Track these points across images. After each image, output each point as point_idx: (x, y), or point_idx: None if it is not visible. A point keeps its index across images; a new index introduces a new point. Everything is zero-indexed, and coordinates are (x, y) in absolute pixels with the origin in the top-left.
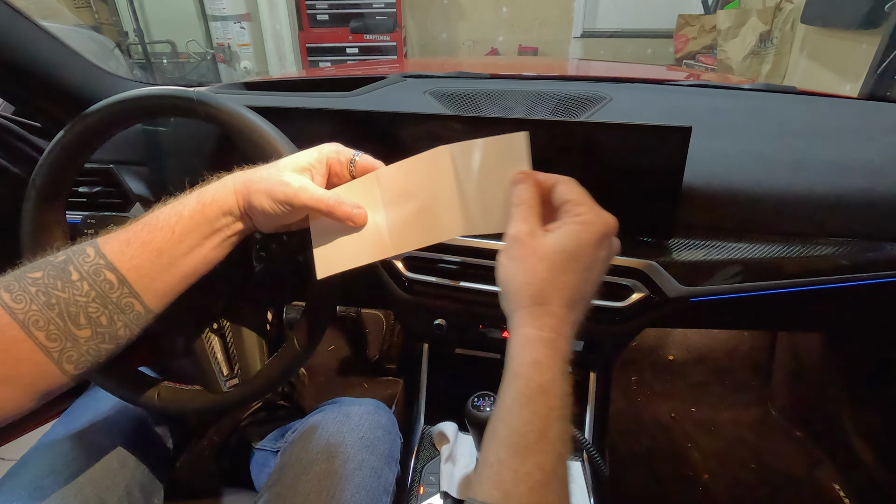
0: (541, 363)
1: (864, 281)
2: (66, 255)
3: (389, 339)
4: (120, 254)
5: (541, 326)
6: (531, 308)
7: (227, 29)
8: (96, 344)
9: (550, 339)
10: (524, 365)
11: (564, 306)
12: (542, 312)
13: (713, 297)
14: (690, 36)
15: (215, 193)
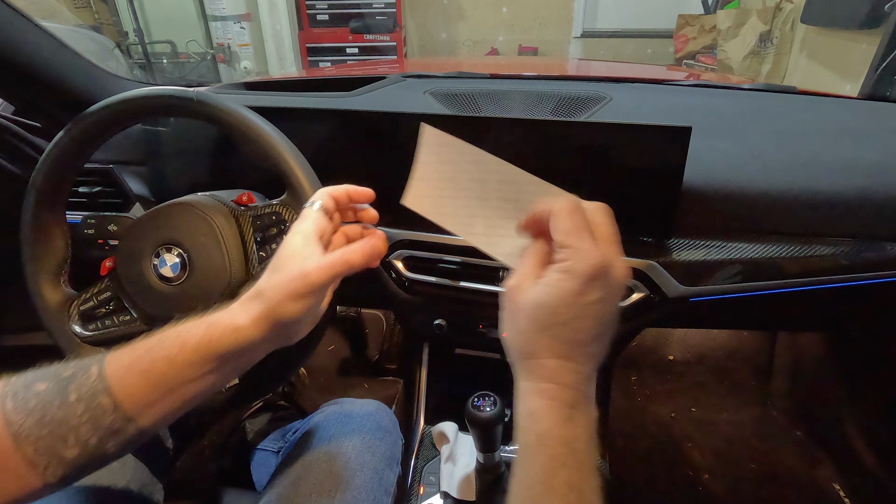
0: (536, 413)
1: (864, 281)
2: (73, 369)
3: (389, 339)
4: (120, 379)
5: (532, 378)
6: (522, 362)
7: (227, 29)
8: (84, 461)
9: (545, 389)
10: (522, 416)
11: (556, 357)
12: (532, 366)
13: (713, 297)
14: (690, 36)
15: (225, 328)
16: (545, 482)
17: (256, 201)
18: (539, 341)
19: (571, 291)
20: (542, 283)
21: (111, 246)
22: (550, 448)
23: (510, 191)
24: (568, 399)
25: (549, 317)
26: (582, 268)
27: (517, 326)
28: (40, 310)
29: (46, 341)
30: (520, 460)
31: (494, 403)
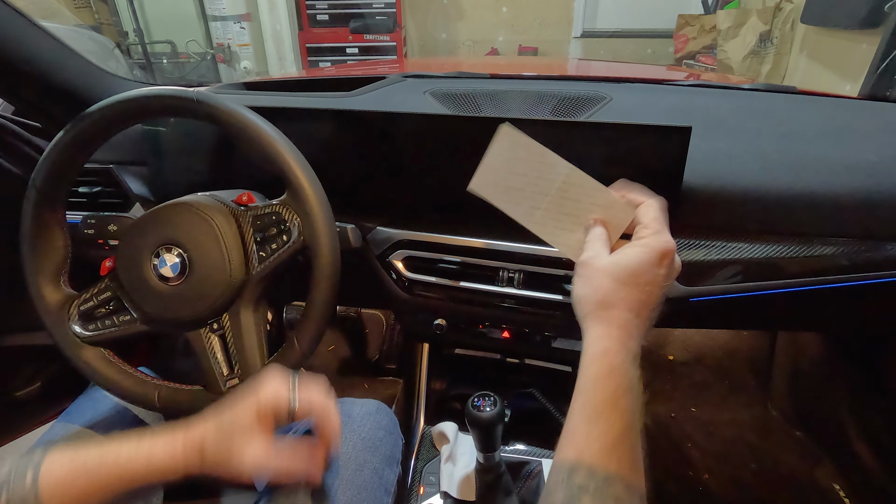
0: (610, 350)
1: (864, 281)
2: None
3: (389, 339)
4: (53, 491)
5: (609, 324)
6: (599, 312)
7: (227, 29)
8: None
9: (617, 334)
10: (596, 354)
11: (628, 311)
12: (608, 315)
13: (713, 297)
14: (690, 36)
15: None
16: (611, 402)
17: (256, 201)
18: (618, 295)
19: (649, 261)
20: (624, 251)
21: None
22: (620, 378)
23: (575, 192)
24: (633, 347)
25: (630, 276)
26: (660, 245)
27: (595, 284)
28: (40, 310)
29: (46, 341)
30: (587, 388)
31: (494, 403)
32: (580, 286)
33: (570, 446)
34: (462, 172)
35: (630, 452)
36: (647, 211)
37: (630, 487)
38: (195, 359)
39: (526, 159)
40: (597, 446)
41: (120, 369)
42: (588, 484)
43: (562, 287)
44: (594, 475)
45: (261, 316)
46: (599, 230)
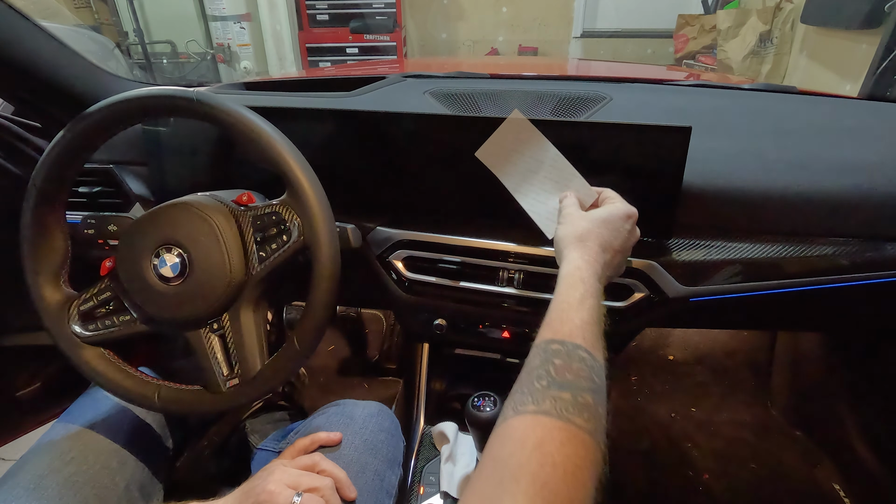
0: (581, 267)
1: (864, 281)
2: None
3: (389, 339)
4: None
5: (582, 251)
6: (576, 243)
7: (227, 29)
8: None
9: (588, 258)
10: (570, 269)
11: (598, 245)
12: (582, 245)
13: (713, 297)
14: (690, 36)
15: None
16: (581, 302)
17: (256, 201)
18: (592, 233)
19: (618, 216)
20: (599, 209)
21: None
22: (587, 287)
23: (556, 174)
24: (598, 271)
25: (602, 222)
26: (626, 208)
27: (575, 224)
28: (40, 310)
29: (46, 341)
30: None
31: (494, 403)
32: (562, 228)
33: (546, 329)
34: (462, 172)
35: (593, 337)
36: (610, 192)
37: (593, 355)
38: (195, 359)
39: (526, 141)
40: (567, 328)
41: (120, 369)
42: (559, 349)
43: None
44: (564, 344)
45: (261, 316)
46: (573, 199)
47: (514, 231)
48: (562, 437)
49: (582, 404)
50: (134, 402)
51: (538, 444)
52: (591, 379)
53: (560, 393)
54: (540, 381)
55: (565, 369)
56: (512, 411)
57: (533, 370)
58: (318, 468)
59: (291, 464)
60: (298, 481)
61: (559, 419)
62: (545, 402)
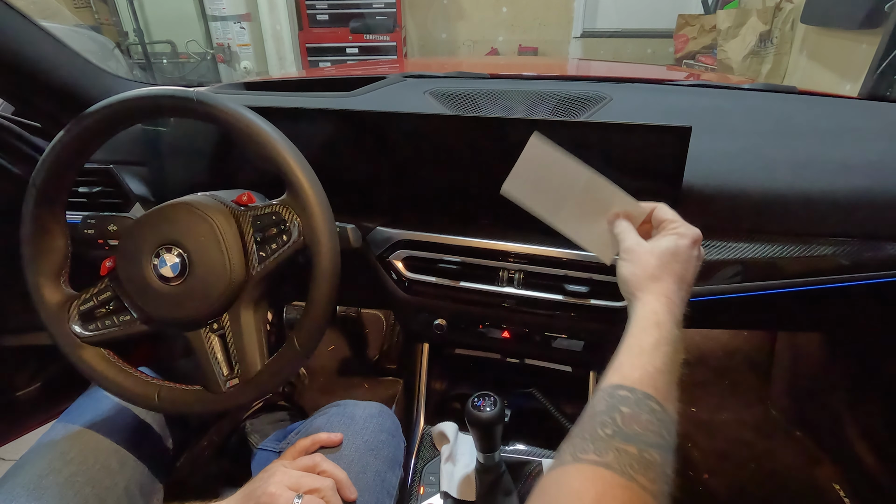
0: (658, 311)
1: (864, 281)
2: None
3: (389, 339)
4: None
5: (657, 294)
6: (648, 284)
7: (227, 29)
8: None
9: (665, 301)
10: (646, 314)
11: (673, 283)
12: (656, 286)
13: (713, 297)
14: (690, 36)
15: None
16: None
17: (256, 201)
18: (664, 270)
19: (685, 246)
20: (662, 238)
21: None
22: (664, 332)
23: (596, 194)
24: (676, 313)
25: (671, 256)
26: (693, 233)
27: (644, 263)
28: (40, 310)
29: (46, 341)
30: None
31: (494, 403)
32: (629, 267)
33: (614, 374)
34: (462, 172)
35: (666, 387)
36: (666, 210)
37: (664, 407)
38: (195, 359)
39: (552, 166)
40: (637, 374)
41: (120, 369)
42: (628, 397)
43: (562, 287)
44: (634, 391)
45: (261, 316)
46: (626, 223)
47: (514, 231)
48: (623, 496)
49: (648, 462)
50: (134, 402)
51: (597, 498)
52: (661, 434)
53: (625, 446)
54: (605, 429)
55: (633, 420)
56: (570, 457)
57: (597, 416)
58: (319, 469)
59: (292, 465)
60: (299, 483)
61: (622, 476)
62: (608, 454)
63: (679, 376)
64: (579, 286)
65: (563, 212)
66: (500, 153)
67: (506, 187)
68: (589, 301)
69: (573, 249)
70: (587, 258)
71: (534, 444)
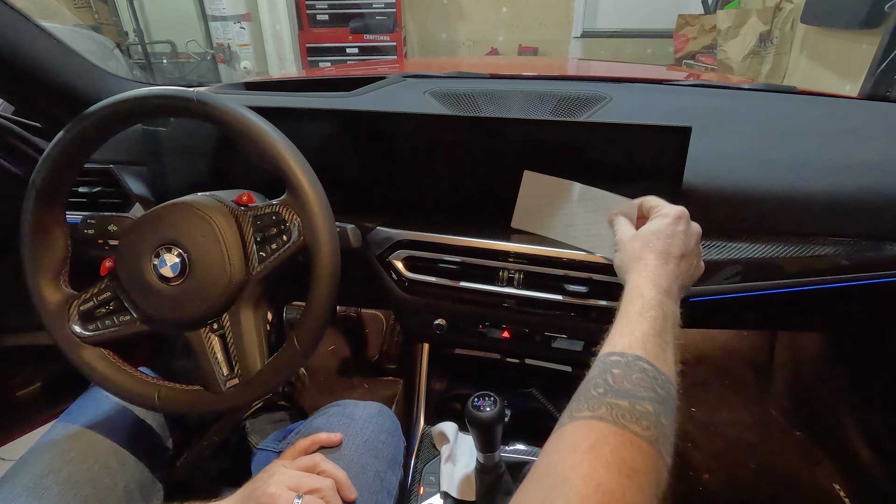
0: (639, 285)
1: (864, 281)
2: None
3: (389, 339)
4: None
5: (639, 271)
6: (631, 265)
7: (227, 29)
8: None
9: (646, 275)
10: (629, 289)
11: (655, 258)
12: (638, 265)
13: (713, 297)
14: (690, 36)
15: None
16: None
17: (256, 201)
18: (645, 250)
19: (666, 223)
20: (648, 223)
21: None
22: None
23: (592, 204)
24: (663, 285)
25: (651, 235)
26: (673, 211)
27: (628, 248)
28: (40, 310)
29: (46, 341)
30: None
31: (494, 403)
32: (618, 256)
33: (606, 344)
34: (462, 172)
35: (656, 348)
36: (650, 199)
37: (655, 366)
38: (195, 359)
39: (548, 191)
40: (626, 340)
41: (120, 369)
42: (619, 360)
43: (562, 287)
44: (623, 355)
45: (261, 316)
46: (623, 219)
47: (514, 231)
48: (616, 441)
49: (640, 412)
50: (134, 402)
51: (591, 447)
52: (653, 389)
53: (617, 400)
54: (597, 389)
55: (623, 378)
56: (567, 418)
57: (590, 380)
58: (319, 469)
59: (292, 465)
60: (299, 483)
61: (615, 425)
62: (600, 409)
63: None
64: (579, 286)
65: (571, 229)
66: (500, 153)
67: (514, 223)
68: (589, 301)
69: (573, 249)
70: (587, 258)
71: (534, 444)
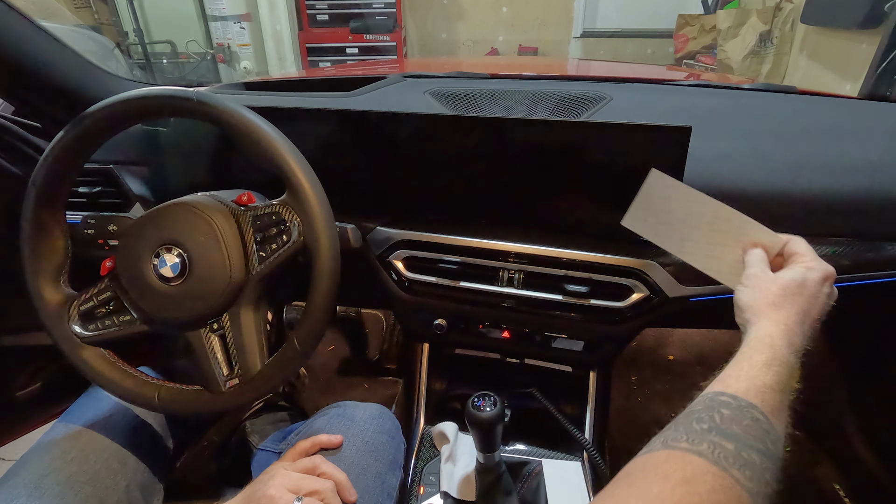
0: (772, 335)
1: (865, 281)
2: None
3: (389, 339)
4: None
5: (776, 322)
6: (769, 312)
7: (227, 29)
8: None
9: (783, 330)
10: (758, 335)
11: (795, 315)
12: (777, 315)
13: (713, 297)
14: (690, 36)
15: None
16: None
17: (256, 201)
18: (786, 300)
19: (814, 279)
20: (791, 268)
21: (111, 246)
22: (776, 352)
23: (725, 225)
24: (796, 346)
25: (797, 287)
26: (824, 269)
27: (765, 290)
28: (40, 310)
29: (46, 341)
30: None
31: (494, 403)
32: (748, 293)
33: (716, 384)
34: (462, 172)
35: (775, 404)
36: (800, 244)
37: (770, 421)
38: (195, 359)
39: (674, 198)
40: (743, 385)
41: (120, 369)
42: (730, 402)
43: (562, 287)
44: (737, 399)
45: (261, 316)
46: (759, 252)
47: (514, 231)
48: (715, 483)
49: (746, 460)
50: (134, 402)
51: (685, 480)
52: (763, 441)
53: (722, 441)
54: (700, 424)
55: (733, 421)
56: (660, 444)
57: (693, 413)
58: (319, 471)
59: (292, 466)
60: (299, 485)
61: (715, 465)
62: (702, 444)
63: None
64: (579, 286)
65: (689, 244)
66: (500, 153)
67: (626, 221)
68: (589, 301)
69: (573, 249)
70: (587, 258)
71: (534, 444)
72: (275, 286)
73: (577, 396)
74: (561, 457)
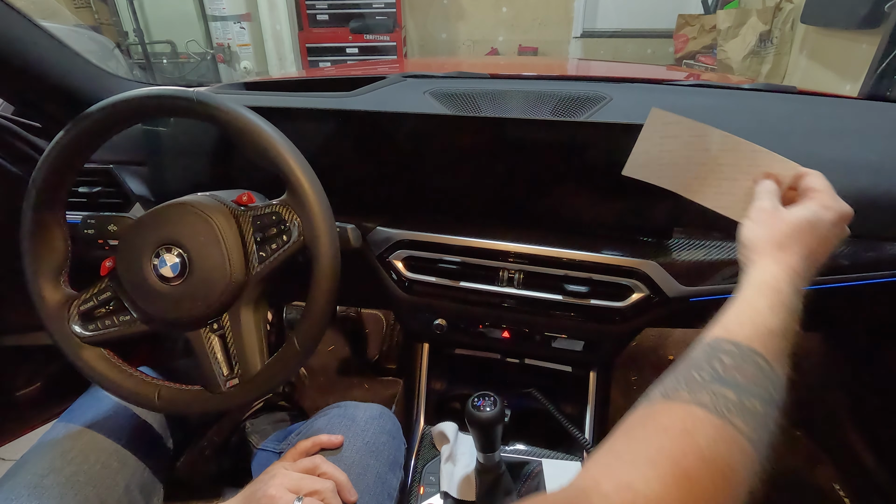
0: (778, 278)
1: (865, 281)
2: None
3: (389, 339)
4: None
5: (779, 264)
6: (773, 252)
7: (227, 29)
8: None
9: (787, 273)
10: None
11: (801, 256)
12: (781, 256)
13: (713, 297)
14: (690, 36)
15: None
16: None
17: (256, 201)
18: (795, 240)
19: (829, 219)
20: (803, 205)
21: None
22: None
23: (732, 156)
24: (800, 285)
25: (808, 226)
26: (840, 208)
27: (772, 227)
28: (40, 310)
29: (46, 341)
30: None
31: (494, 403)
32: (753, 229)
33: (717, 328)
34: (462, 172)
35: (776, 349)
36: (818, 179)
37: (773, 367)
38: (195, 359)
39: (677, 135)
40: (746, 331)
41: (120, 369)
42: (732, 350)
43: (562, 287)
44: (739, 346)
45: (261, 316)
46: (770, 184)
47: (514, 231)
48: (716, 434)
49: (748, 409)
50: (134, 402)
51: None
52: (766, 389)
53: (723, 389)
54: (700, 373)
55: (735, 369)
56: (660, 395)
57: (692, 361)
58: (320, 471)
59: (292, 466)
60: (300, 485)
61: (716, 415)
62: (702, 395)
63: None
64: (579, 286)
65: (697, 182)
66: (499, 153)
67: (627, 170)
68: (589, 301)
69: (573, 249)
70: (587, 258)
71: (534, 444)
72: (275, 286)
73: (578, 396)
74: (561, 457)
